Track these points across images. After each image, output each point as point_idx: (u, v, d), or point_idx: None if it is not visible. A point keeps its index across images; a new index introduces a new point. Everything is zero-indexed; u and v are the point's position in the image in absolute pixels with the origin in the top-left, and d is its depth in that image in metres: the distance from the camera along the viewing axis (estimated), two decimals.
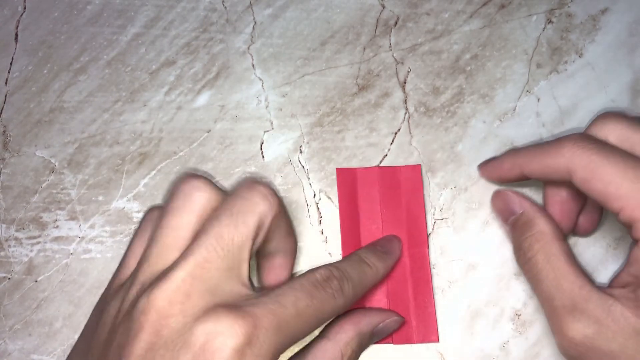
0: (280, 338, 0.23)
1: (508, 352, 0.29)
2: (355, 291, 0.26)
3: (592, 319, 0.24)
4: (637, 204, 0.23)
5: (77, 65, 0.34)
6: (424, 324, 0.29)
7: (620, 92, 0.32)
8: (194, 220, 0.24)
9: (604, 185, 0.24)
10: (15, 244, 0.31)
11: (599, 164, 0.24)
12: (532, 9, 0.34)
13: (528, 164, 0.27)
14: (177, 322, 0.22)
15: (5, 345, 0.30)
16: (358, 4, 0.34)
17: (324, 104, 0.33)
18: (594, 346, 0.24)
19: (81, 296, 0.30)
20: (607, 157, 0.24)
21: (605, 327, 0.23)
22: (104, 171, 0.32)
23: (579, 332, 0.24)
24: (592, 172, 0.24)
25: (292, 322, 0.23)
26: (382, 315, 0.28)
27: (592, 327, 0.24)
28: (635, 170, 0.23)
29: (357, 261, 0.27)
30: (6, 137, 0.33)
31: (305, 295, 0.24)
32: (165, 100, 0.33)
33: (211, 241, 0.23)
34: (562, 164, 0.25)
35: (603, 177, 0.24)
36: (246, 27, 0.34)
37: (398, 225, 0.30)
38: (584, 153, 0.24)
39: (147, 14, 0.34)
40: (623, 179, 0.23)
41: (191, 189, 0.25)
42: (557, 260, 0.26)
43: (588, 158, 0.24)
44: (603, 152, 0.24)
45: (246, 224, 0.24)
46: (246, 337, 0.22)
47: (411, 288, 0.30)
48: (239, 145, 0.32)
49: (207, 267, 0.23)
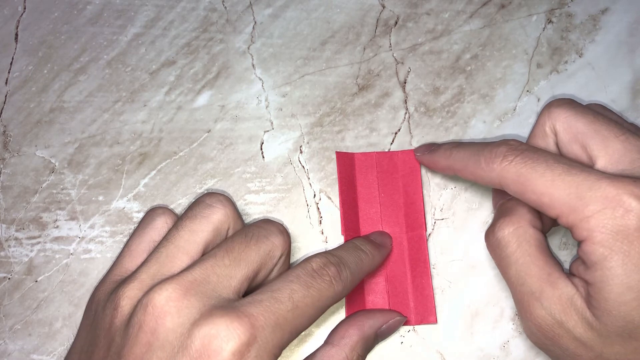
0: (279, 335, 0.23)
1: (508, 352, 0.29)
2: (353, 277, 0.26)
3: (558, 307, 0.24)
4: (570, 210, 0.23)
5: (77, 65, 0.34)
6: (422, 305, 0.29)
7: (620, 92, 0.32)
8: (209, 229, 0.25)
9: (537, 197, 0.24)
10: (15, 244, 0.31)
11: (529, 177, 0.24)
12: (532, 8, 0.34)
13: (462, 172, 0.27)
14: (172, 321, 0.22)
15: (5, 345, 0.30)
16: (358, 4, 0.34)
17: (324, 104, 0.33)
18: (559, 333, 0.24)
19: (81, 296, 0.30)
20: (535, 169, 0.24)
21: (569, 317, 0.24)
22: (104, 171, 0.32)
23: (546, 318, 0.24)
24: (523, 185, 0.24)
25: (290, 317, 0.23)
26: (386, 316, 0.28)
27: (558, 314, 0.24)
28: (563, 177, 0.24)
29: (353, 248, 0.28)
30: (6, 137, 0.33)
31: (301, 287, 0.24)
32: (165, 100, 0.33)
33: (221, 253, 0.24)
34: (495, 179, 0.25)
35: (534, 189, 0.24)
36: (246, 27, 0.34)
37: (396, 209, 0.31)
38: (513, 167, 0.25)
39: (147, 14, 0.34)
40: (553, 189, 0.24)
41: (213, 201, 0.26)
42: (529, 246, 0.26)
43: (517, 172, 0.25)
44: (531, 164, 0.24)
45: (258, 247, 0.25)
46: (244, 338, 0.21)
47: (409, 270, 0.30)
48: (239, 145, 0.32)
49: (210, 273, 0.23)
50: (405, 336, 0.30)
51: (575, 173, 0.23)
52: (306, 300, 0.24)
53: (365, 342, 0.27)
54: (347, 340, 0.26)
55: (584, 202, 0.23)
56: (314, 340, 0.30)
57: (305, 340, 0.30)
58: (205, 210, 0.26)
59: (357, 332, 0.27)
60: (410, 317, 0.29)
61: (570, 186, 0.23)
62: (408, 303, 0.29)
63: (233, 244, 0.25)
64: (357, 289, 0.29)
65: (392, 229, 0.30)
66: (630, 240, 0.22)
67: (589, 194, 0.23)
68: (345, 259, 0.26)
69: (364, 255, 0.27)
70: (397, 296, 0.29)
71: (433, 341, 0.29)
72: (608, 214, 0.22)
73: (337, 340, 0.26)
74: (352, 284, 0.26)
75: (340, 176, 0.31)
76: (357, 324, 0.27)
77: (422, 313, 0.29)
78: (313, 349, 0.27)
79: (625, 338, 0.23)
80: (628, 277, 0.22)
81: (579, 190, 0.23)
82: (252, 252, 0.25)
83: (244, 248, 0.25)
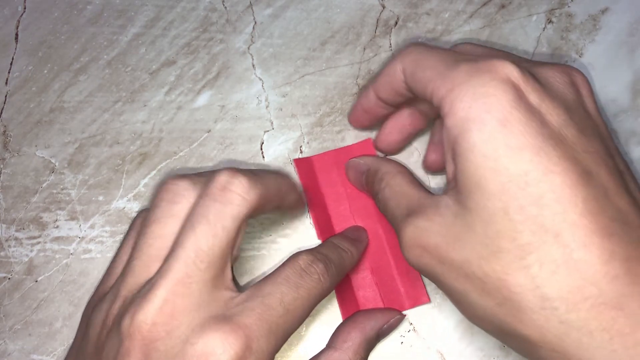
0: (273, 341, 0.23)
1: (508, 352, 0.29)
2: (338, 273, 0.26)
3: (422, 218, 0.23)
4: (441, 80, 0.23)
5: (77, 65, 0.34)
6: (412, 288, 0.29)
7: (620, 92, 0.32)
8: (177, 227, 0.23)
9: (424, 72, 0.24)
10: (16, 244, 0.31)
11: (425, 54, 0.24)
12: (532, 9, 0.34)
13: (378, 87, 0.27)
14: (164, 344, 0.22)
15: (5, 345, 0.30)
16: (358, 4, 0.34)
17: (324, 104, 0.33)
18: (427, 244, 0.23)
19: (81, 296, 0.30)
20: (431, 50, 0.25)
21: (432, 221, 0.23)
22: (104, 171, 0.32)
23: (412, 233, 0.24)
24: (417, 63, 0.24)
25: (282, 322, 0.23)
26: (386, 315, 0.28)
27: (421, 224, 0.23)
28: (453, 56, 0.23)
29: (333, 246, 0.27)
30: (6, 137, 0.33)
31: (290, 289, 0.24)
32: (166, 100, 0.33)
33: (190, 255, 0.22)
34: (398, 68, 0.25)
35: (425, 65, 0.24)
36: (246, 27, 0.34)
37: (364, 201, 0.30)
38: (413, 49, 0.25)
39: (147, 14, 0.34)
40: (439, 62, 0.23)
41: (174, 196, 0.24)
42: (399, 186, 0.26)
43: (416, 51, 0.25)
44: (429, 47, 0.25)
45: (225, 229, 0.23)
46: (240, 351, 0.21)
47: (391, 258, 0.30)
48: (239, 145, 0.32)
49: (188, 283, 0.22)
50: (406, 336, 0.30)
51: (453, 55, 0.24)
52: (296, 302, 0.23)
53: (367, 344, 0.27)
54: (349, 343, 0.26)
55: (454, 71, 0.22)
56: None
57: (309, 345, 0.30)
58: (168, 209, 0.24)
59: (359, 334, 0.27)
60: (404, 302, 0.29)
61: (446, 60, 0.23)
62: (398, 289, 0.29)
63: (199, 242, 0.22)
64: (347, 288, 0.29)
65: (365, 222, 0.30)
66: (488, 104, 0.21)
67: (459, 65, 0.22)
68: (329, 256, 0.26)
69: (344, 253, 0.27)
70: (386, 285, 0.29)
71: (433, 341, 0.29)
72: (473, 81, 0.22)
73: (340, 344, 0.26)
74: (337, 281, 0.26)
75: (303, 182, 0.31)
76: (358, 326, 0.27)
77: (414, 296, 0.29)
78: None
79: (488, 223, 0.21)
80: (484, 145, 0.21)
81: (453, 62, 0.23)
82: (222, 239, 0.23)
83: (212, 240, 0.22)
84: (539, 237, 0.20)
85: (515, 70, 0.22)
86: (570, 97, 0.23)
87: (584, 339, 0.20)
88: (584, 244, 0.20)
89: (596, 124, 0.23)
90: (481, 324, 0.23)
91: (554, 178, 0.20)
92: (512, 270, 0.20)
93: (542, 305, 0.20)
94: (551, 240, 0.20)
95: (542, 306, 0.20)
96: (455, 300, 0.23)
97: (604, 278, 0.20)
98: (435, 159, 0.30)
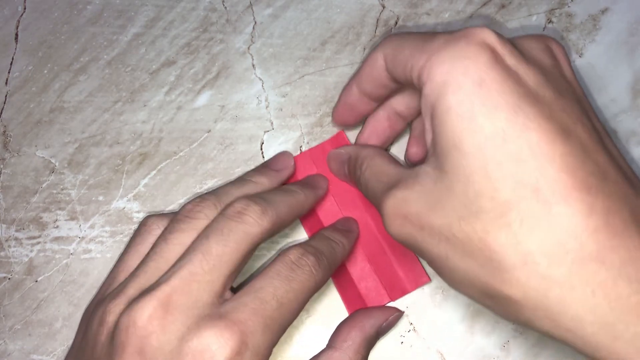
0: (269, 335, 0.23)
1: (508, 352, 0.29)
2: (330, 265, 0.26)
3: (402, 188, 0.23)
4: (419, 53, 0.23)
5: (77, 65, 0.34)
6: (411, 271, 0.29)
7: (620, 92, 0.32)
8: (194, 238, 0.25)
9: (403, 53, 0.24)
10: (15, 244, 0.31)
11: (404, 38, 0.24)
12: (532, 9, 0.34)
13: (360, 79, 0.27)
14: (158, 339, 0.22)
15: (5, 345, 0.30)
16: (358, 4, 0.34)
17: (324, 104, 0.33)
18: (408, 212, 0.23)
19: (81, 296, 0.30)
20: (410, 33, 0.25)
21: (411, 189, 0.23)
22: (104, 171, 0.32)
23: (392, 204, 0.23)
24: (396, 47, 0.24)
25: (277, 315, 0.23)
26: (385, 313, 0.28)
27: (401, 194, 0.23)
28: (431, 34, 0.23)
29: (324, 238, 0.27)
30: (6, 137, 0.33)
31: (282, 283, 0.24)
32: (166, 100, 0.33)
33: (198, 256, 0.23)
34: (379, 57, 0.25)
35: (404, 46, 0.24)
36: (246, 27, 0.34)
37: (349, 193, 0.31)
38: (393, 37, 0.25)
39: (147, 14, 0.34)
40: (417, 40, 0.23)
41: (197, 214, 0.25)
42: (378, 166, 0.26)
43: (395, 37, 0.25)
44: (407, 32, 0.25)
45: (236, 242, 0.24)
46: (236, 347, 0.21)
47: (385, 244, 0.30)
48: (239, 145, 0.32)
49: (191, 281, 0.23)
50: (406, 336, 0.30)
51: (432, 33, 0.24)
52: (289, 295, 0.24)
53: (367, 342, 0.27)
54: (349, 343, 0.26)
55: (432, 42, 0.22)
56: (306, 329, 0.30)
57: (310, 346, 0.30)
58: (193, 223, 0.25)
59: (360, 333, 0.27)
60: (405, 286, 0.29)
61: (424, 37, 0.23)
62: (398, 274, 0.29)
63: (209, 245, 0.24)
64: (347, 282, 0.29)
65: (353, 213, 0.30)
66: (464, 67, 0.21)
67: (437, 36, 0.23)
68: (320, 248, 0.26)
69: (336, 245, 0.27)
70: (385, 272, 0.29)
71: (433, 341, 0.29)
72: (449, 47, 0.22)
73: (340, 344, 0.26)
74: (330, 272, 0.26)
75: None
76: (358, 325, 0.27)
77: (414, 278, 0.29)
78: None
79: (467, 183, 0.21)
80: (460, 106, 0.21)
81: (430, 36, 0.23)
82: (231, 250, 0.24)
83: (222, 248, 0.24)
84: (518, 193, 0.20)
85: (491, 34, 0.22)
86: (547, 62, 0.23)
87: (566, 294, 0.19)
88: (564, 198, 0.20)
89: (573, 87, 0.23)
90: (464, 289, 0.22)
91: (531, 134, 0.20)
92: (493, 229, 0.20)
93: (524, 261, 0.20)
94: (530, 196, 0.20)
95: (524, 262, 0.20)
96: (437, 267, 0.23)
97: (585, 231, 0.19)
98: (417, 151, 0.30)
